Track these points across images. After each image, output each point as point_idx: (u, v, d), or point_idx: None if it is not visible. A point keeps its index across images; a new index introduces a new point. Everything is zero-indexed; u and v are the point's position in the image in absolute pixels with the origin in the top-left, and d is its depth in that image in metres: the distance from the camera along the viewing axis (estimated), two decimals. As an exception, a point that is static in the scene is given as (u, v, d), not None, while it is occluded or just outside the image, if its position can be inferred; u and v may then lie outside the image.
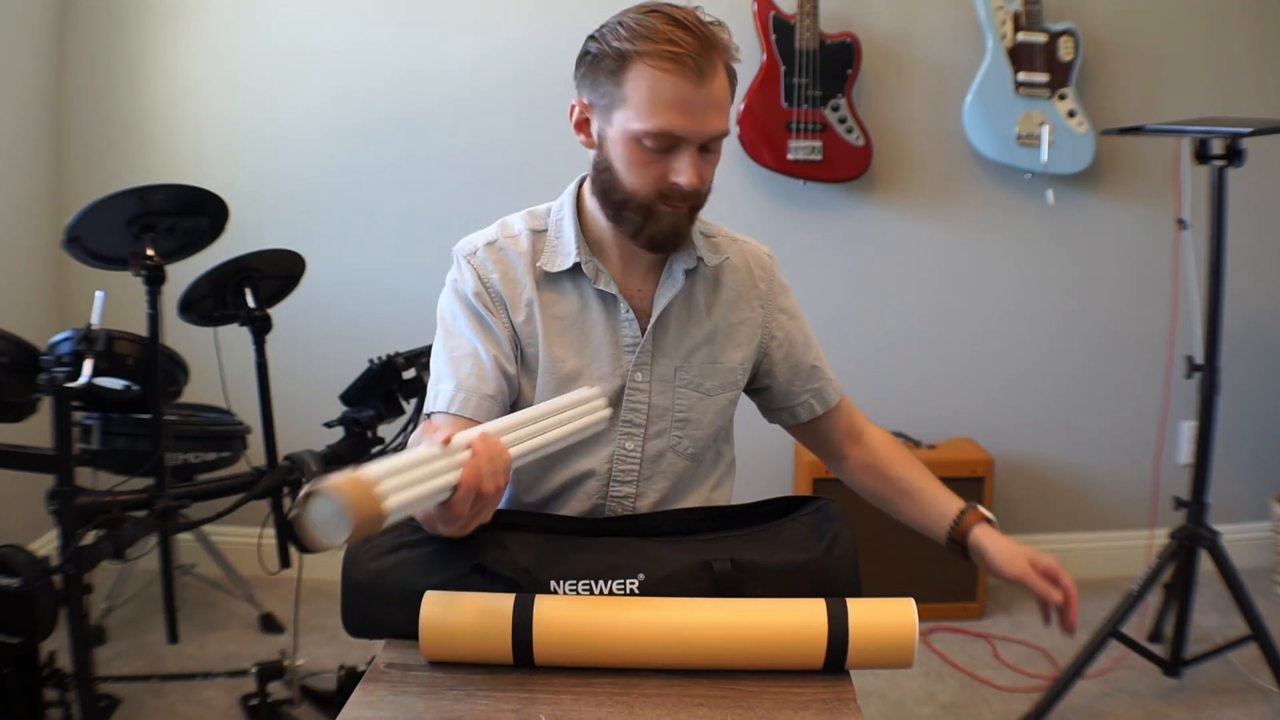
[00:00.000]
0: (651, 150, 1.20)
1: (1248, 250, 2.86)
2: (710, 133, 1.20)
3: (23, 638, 1.83)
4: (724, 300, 1.38)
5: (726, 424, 1.43)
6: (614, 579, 1.14)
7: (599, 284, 1.31)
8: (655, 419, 1.34)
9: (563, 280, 1.32)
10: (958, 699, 2.43)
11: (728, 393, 1.39)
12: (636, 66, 1.17)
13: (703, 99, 1.17)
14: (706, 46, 1.17)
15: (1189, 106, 2.83)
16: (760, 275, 1.41)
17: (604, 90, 1.21)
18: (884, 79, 2.88)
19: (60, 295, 2.95)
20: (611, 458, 1.34)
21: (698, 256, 1.34)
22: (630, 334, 1.32)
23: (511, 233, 1.34)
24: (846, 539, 1.21)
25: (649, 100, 1.17)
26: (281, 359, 2.38)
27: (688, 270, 1.33)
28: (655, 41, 1.16)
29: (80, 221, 1.91)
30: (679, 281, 1.33)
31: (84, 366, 1.88)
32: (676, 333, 1.35)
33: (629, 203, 1.24)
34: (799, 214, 2.93)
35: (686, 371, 1.35)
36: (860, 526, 3.00)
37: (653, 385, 1.33)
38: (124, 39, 2.89)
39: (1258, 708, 2.34)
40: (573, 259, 1.30)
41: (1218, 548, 2.24)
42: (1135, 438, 3.01)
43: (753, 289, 1.40)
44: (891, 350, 3.02)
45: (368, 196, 2.94)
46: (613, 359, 1.32)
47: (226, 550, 2.83)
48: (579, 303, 1.32)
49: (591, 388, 1.23)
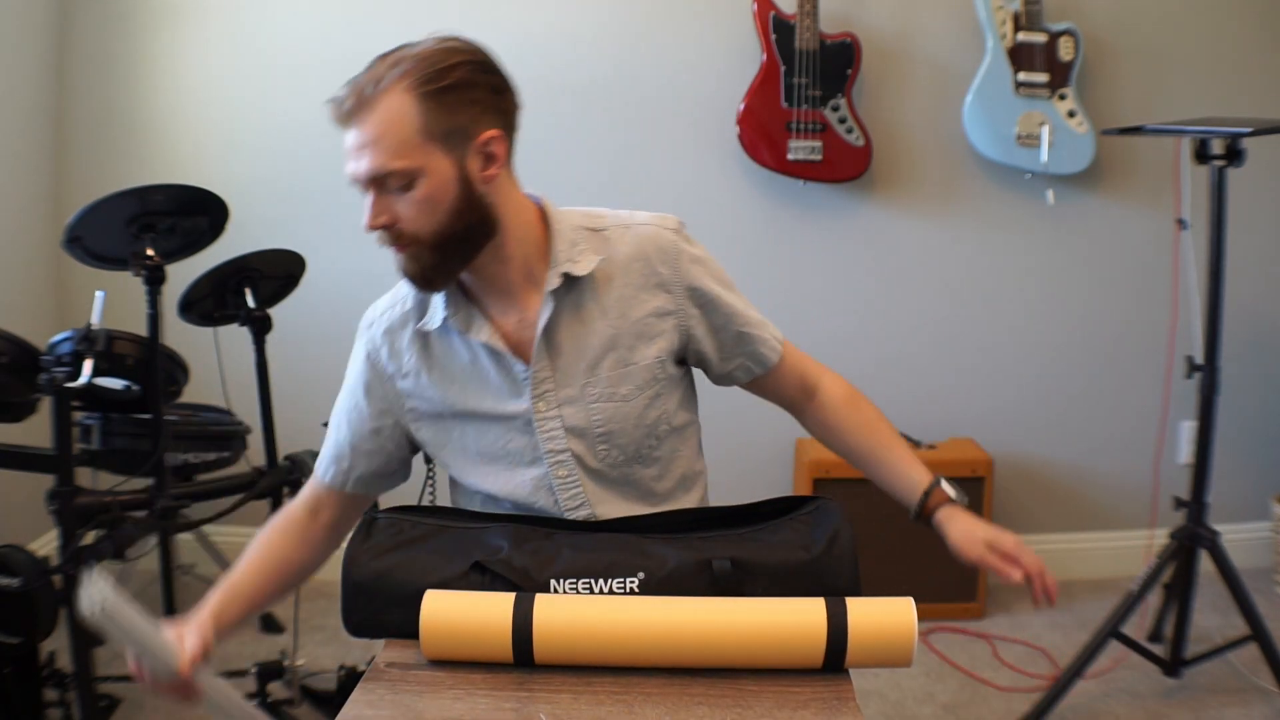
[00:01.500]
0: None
1: (1248, 250, 2.86)
2: (359, 174, 1.19)
3: (23, 638, 1.83)
4: (620, 299, 1.30)
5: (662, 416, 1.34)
6: (613, 577, 1.14)
7: (471, 334, 1.27)
8: (575, 440, 1.30)
9: (447, 332, 1.30)
10: (958, 699, 2.43)
11: (648, 391, 1.32)
12: None
13: (351, 142, 1.19)
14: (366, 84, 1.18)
15: (1189, 106, 2.83)
16: (659, 259, 1.32)
17: None
18: (884, 79, 2.88)
19: (60, 295, 2.95)
20: (552, 489, 1.31)
21: (561, 273, 1.26)
22: (521, 369, 1.28)
23: (400, 295, 1.35)
24: (846, 538, 1.20)
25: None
26: (281, 359, 2.38)
27: (552, 290, 1.26)
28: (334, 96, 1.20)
29: (80, 221, 1.91)
30: (550, 303, 1.27)
31: (84, 366, 1.89)
32: (573, 349, 1.29)
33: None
34: (799, 214, 2.93)
35: (595, 385, 1.29)
36: (860, 527, 2.99)
37: (562, 410, 1.29)
38: (124, 39, 2.89)
39: (1258, 708, 2.34)
40: (440, 316, 1.29)
41: (1218, 548, 2.24)
42: (1135, 438, 3.01)
43: (652, 277, 1.31)
44: (891, 350, 3.02)
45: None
46: (513, 396, 1.29)
47: (226, 550, 2.82)
48: (466, 351, 1.30)
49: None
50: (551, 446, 1.30)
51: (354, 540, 1.21)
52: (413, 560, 1.16)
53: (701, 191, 2.88)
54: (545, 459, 1.30)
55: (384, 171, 1.17)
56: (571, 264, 1.27)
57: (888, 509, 2.72)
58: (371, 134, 1.17)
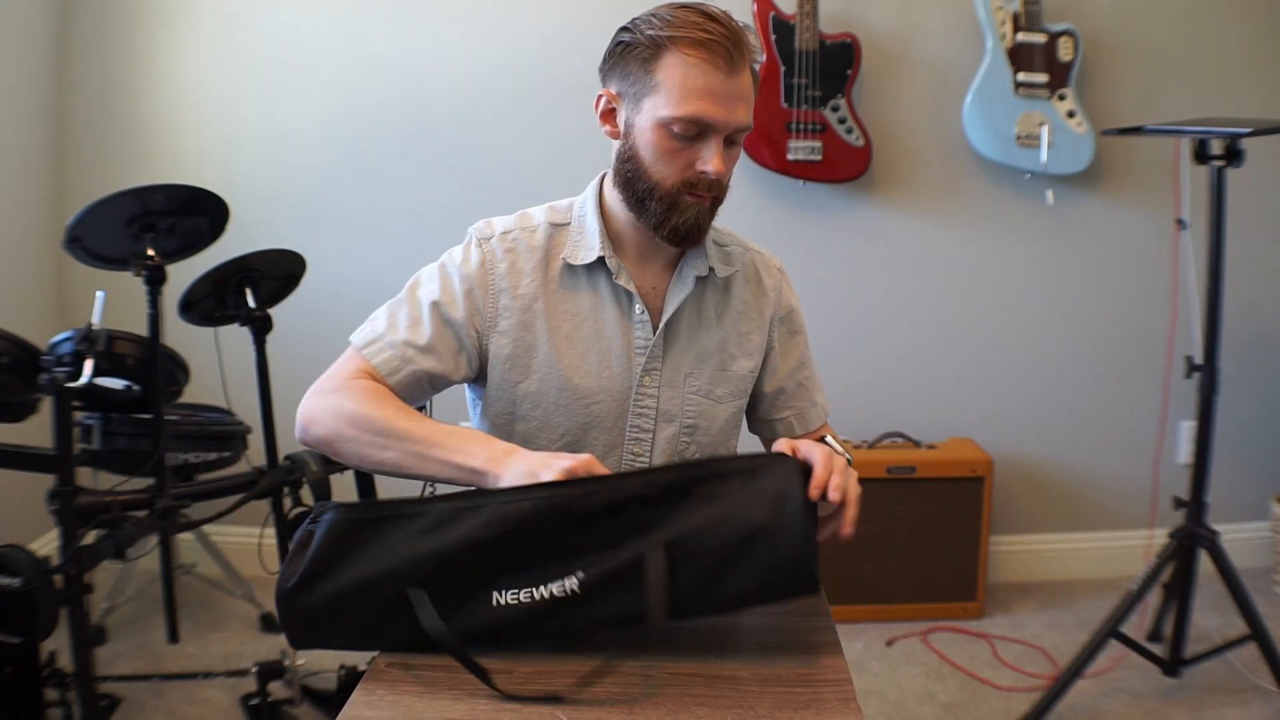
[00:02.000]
0: (680, 137, 1.21)
1: (1248, 250, 2.86)
2: (737, 123, 1.22)
3: (23, 637, 1.83)
4: (734, 309, 1.38)
5: (734, 435, 1.42)
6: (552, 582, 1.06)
7: (619, 280, 1.31)
8: (664, 424, 1.34)
9: (579, 276, 1.32)
10: (958, 699, 2.43)
11: (737, 401, 1.39)
12: (670, 54, 1.19)
13: (732, 89, 1.20)
14: (736, 39, 1.20)
15: (1189, 106, 2.84)
16: (771, 286, 1.42)
17: (635, 78, 1.23)
18: (884, 79, 2.88)
19: (60, 295, 2.95)
20: (620, 463, 1.33)
21: (709, 265, 1.35)
22: (642, 335, 1.32)
23: (530, 225, 1.35)
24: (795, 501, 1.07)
25: (681, 87, 1.19)
26: (281, 359, 2.38)
27: (699, 277, 1.34)
28: (689, 31, 1.18)
29: (80, 221, 1.91)
30: (689, 285, 1.33)
31: (84, 366, 1.89)
32: (686, 337, 1.35)
33: (654, 191, 1.25)
34: (799, 214, 2.93)
35: (697, 378, 1.35)
36: (860, 526, 2.99)
37: (661, 390, 1.33)
38: (124, 39, 2.89)
39: (1257, 708, 2.34)
40: (596, 253, 1.31)
41: (1217, 547, 2.24)
42: (1135, 438, 3.02)
43: (763, 298, 1.41)
44: (891, 350, 3.02)
45: (368, 196, 2.94)
46: (622, 360, 1.32)
47: (226, 550, 2.83)
48: (592, 300, 1.32)
49: None
50: (639, 423, 1.33)
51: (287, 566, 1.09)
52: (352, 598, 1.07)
53: (701, 191, 2.89)
54: (628, 432, 1.33)
55: (749, 126, 1.24)
56: (716, 263, 1.35)
57: (888, 509, 2.75)
58: (745, 91, 1.22)
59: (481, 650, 1.06)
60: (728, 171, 1.25)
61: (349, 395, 1.22)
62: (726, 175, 1.25)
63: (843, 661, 1.11)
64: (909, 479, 2.75)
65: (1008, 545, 3.06)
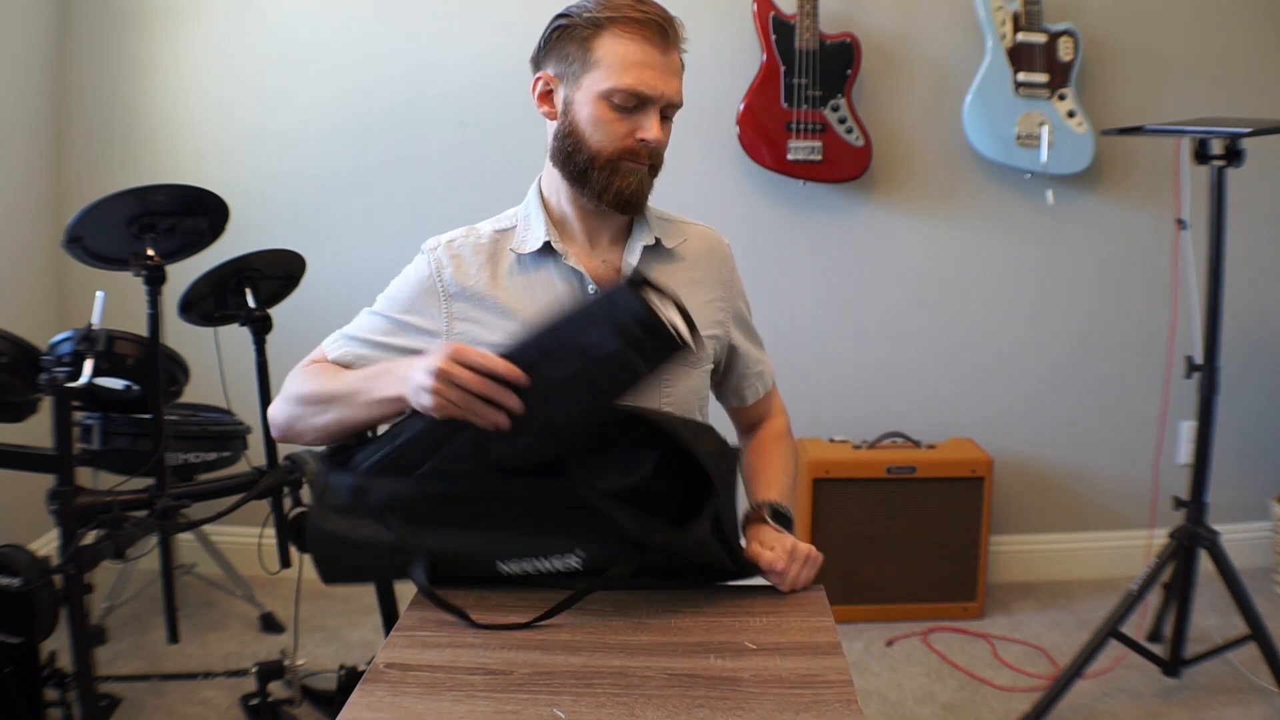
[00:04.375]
0: (619, 109, 1.30)
1: (1248, 250, 2.86)
2: (671, 95, 1.31)
3: (23, 638, 1.83)
4: (686, 280, 1.43)
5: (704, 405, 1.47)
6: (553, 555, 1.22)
7: (568, 261, 1.36)
8: None
9: (527, 266, 1.37)
10: (958, 699, 2.43)
11: (700, 366, 1.43)
12: (607, 32, 1.29)
13: (666, 65, 1.30)
14: (668, 20, 1.31)
15: (1189, 106, 2.83)
16: (722, 262, 1.49)
17: (573, 58, 1.31)
18: (884, 79, 2.88)
19: (60, 295, 2.95)
20: None
21: (655, 236, 1.41)
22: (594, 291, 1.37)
23: (475, 232, 1.42)
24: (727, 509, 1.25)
25: (620, 61, 1.28)
26: (281, 359, 2.37)
27: (647, 246, 1.40)
28: (624, 11, 1.28)
29: (80, 221, 1.91)
30: (637, 254, 1.39)
31: (84, 366, 1.89)
32: None
33: (594, 160, 1.32)
34: (799, 214, 2.93)
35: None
36: (861, 527, 2.99)
37: None
38: (124, 39, 2.89)
39: (1257, 708, 2.34)
40: (542, 238, 1.37)
41: (1217, 548, 2.24)
42: (1135, 438, 3.01)
43: (716, 274, 1.48)
44: (891, 350, 3.02)
45: (368, 196, 2.94)
46: None
47: (226, 550, 2.83)
48: (545, 284, 1.37)
49: None
50: None
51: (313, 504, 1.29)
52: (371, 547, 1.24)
53: (701, 191, 2.88)
54: None
55: (679, 103, 1.34)
56: (661, 235, 1.42)
57: (888, 510, 2.75)
58: (676, 68, 1.33)
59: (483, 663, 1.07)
60: (664, 142, 1.33)
61: (290, 381, 1.39)
62: (663, 145, 1.34)
63: (843, 662, 1.11)
64: (909, 479, 2.75)
65: (1008, 545, 3.06)
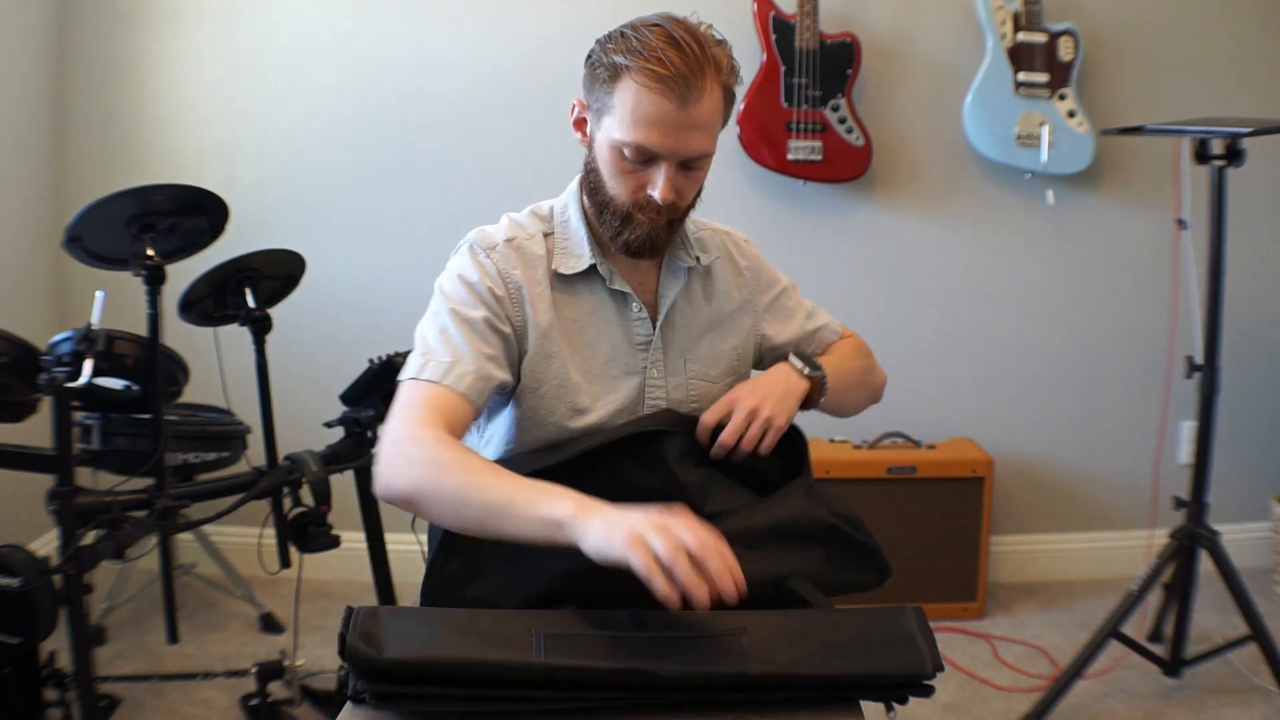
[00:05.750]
0: (631, 161, 1.23)
1: (1248, 250, 2.86)
2: (687, 153, 1.23)
3: (23, 638, 1.82)
4: (718, 292, 1.43)
5: None
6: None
7: (613, 284, 1.34)
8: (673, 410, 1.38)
9: (575, 282, 1.34)
10: (958, 699, 2.43)
11: (729, 378, 1.44)
12: (625, 80, 1.21)
13: (683, 120, 1.20)
14: (696, 69, 1.18)
15: (1189, 106, 2.83)
16: (745, 265, 1.47)
17: (598, 95, 1.25)
18: (884, 79, 2.88)
19: (60, 295, 2.95)
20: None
21: (695, 256, 1.39)
22: (642, 332, 1.36)
23: (527, 232, 1.36)
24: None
25: (631, 114, 1.21)
26: (281, 359, 2.37)
27: (689, 268, 1.39)
28: (646, 59, 1.18)
29: (80, 221, 1.91)
30: (681, 278, 1.38)
31: (84, 366, 1.88)
32: (683, 326, 1.39)
33: (609, 204, 1.28)
34: (799, 214, 2.93)
35: (695, 362, 1.39)
36: (860, 526, 2.92)
37: (668, 380, 1.37)
38: (124, 39, 2.89)
39: (1258, 708, 2.34)
40: (588, 260, 1.33)
41: (1218, 548, 2.24)
42: (1135, 438, 3.01)
43: (739, 278, 1.46)
44: (891, 350, 2.99)
45: (368, 196, 2.94)
46: (628, 357, 1.35)
47: (226, 550, 2.82)
48: (591, 303, 1.35)
49: None
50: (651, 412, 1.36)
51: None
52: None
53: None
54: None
55: (703, 153, 1.25)
56: (700, 251, 1.40)
57: (888, 510, 2.74)
58: (702, 120, 1.22)
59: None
60: (685, 194, 1.27)
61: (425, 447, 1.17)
62: (686, 196, 1.28)
63: (843, 661, 1.11)
64: (909, 479, 2.75)
65: (1008, 545, 3.06)
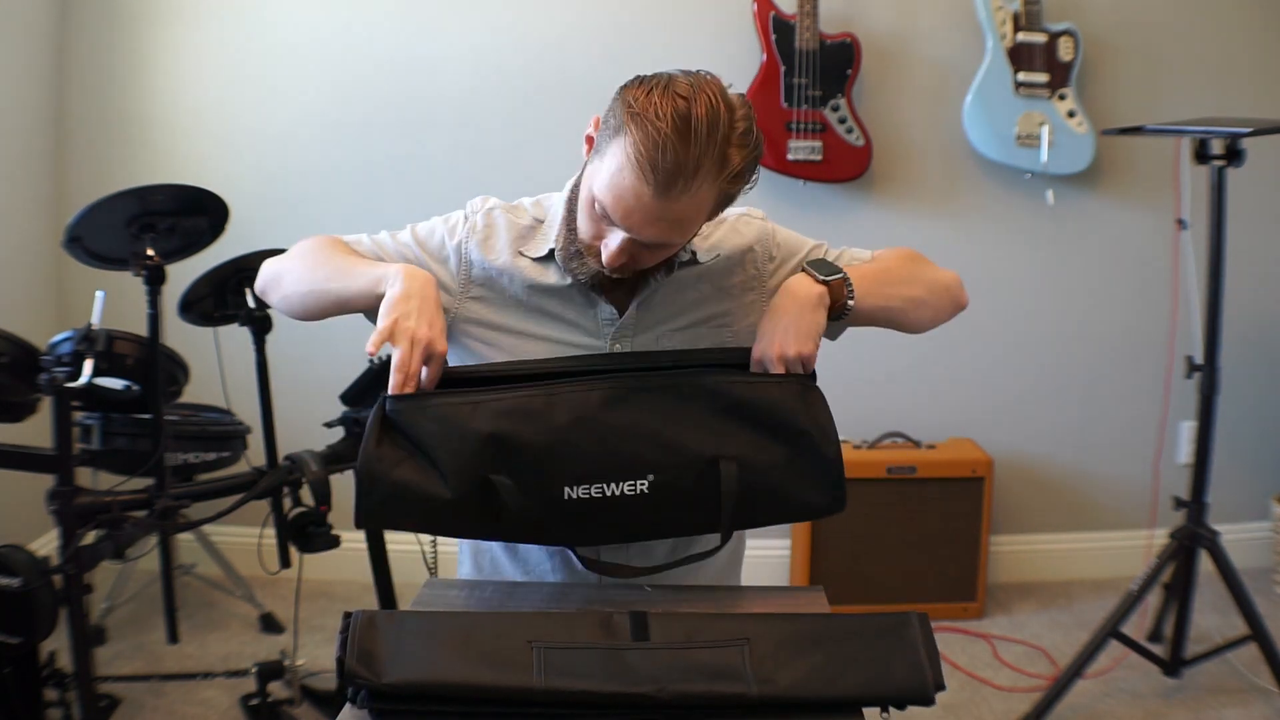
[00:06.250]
0: (599, 212, 1.20)
1: (1248, 250, 2.86)
2: (644, 239, 1.18)
3: (23, 638, 1.82)
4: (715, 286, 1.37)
5: None
6: (624, 480, 1.18)
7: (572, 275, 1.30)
8: None
9: (548, 263, 1.34)
10: (958, 699, 2.43)
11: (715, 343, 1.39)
12: (621, 140, 1.14)
13: (653, 209, 1.14)
14: (691, 167, 1.12)
15: (1189, 106, 2.83)
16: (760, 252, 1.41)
17: (604, 134, 1.20)
18: (884, 79, 2.88)
19: (60, 295, 2.95)
20: None
21: (691, 250, 1.35)
22: (607, 313, 1.32)
23: (517, 209, 1.39)
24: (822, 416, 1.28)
25: (610, 178, 1.16)
26: (281, 359, 2.37)
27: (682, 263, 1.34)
28: (646, 134, 1.11)
29: (80, 221, 1.91)
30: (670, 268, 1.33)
31: (84, 366, 1.88)
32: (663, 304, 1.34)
33: (574, 232, 1.28)
34: (799, 214, 2.93)
35: (672, 341, 1.34)
36: (860, 527, 2.98)
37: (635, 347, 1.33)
38: (124, 39, 2.89)
39: (1258, 708, 2.34)
40: (548, 246, 1.32)
41: (1218, 548, 2.24)
42: (1135, 438, 3.01)
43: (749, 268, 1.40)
44: (891, 350, 3.00)
45: (368, 195, 2.94)
46: (593, 328, 1.33)
47: (226, 550, 2.82)
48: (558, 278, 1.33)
49: None
50: None
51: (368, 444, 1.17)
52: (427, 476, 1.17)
53: (701, 191, 2.88)
54: None
55: (666, 244, 1.22)
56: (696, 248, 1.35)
57: (888, 510, 2.74)
58: (677, 215, 1.17)
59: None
60: (643, 262, 1.23)
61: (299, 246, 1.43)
62: (644, 263, 1.23)
63: (843, 661, 1.11)
64: (909, 479, 2.75)
65: (1008, 545, 3.06)
